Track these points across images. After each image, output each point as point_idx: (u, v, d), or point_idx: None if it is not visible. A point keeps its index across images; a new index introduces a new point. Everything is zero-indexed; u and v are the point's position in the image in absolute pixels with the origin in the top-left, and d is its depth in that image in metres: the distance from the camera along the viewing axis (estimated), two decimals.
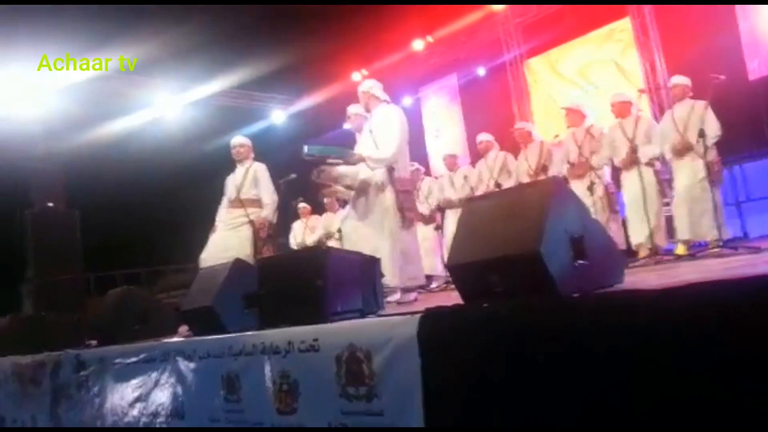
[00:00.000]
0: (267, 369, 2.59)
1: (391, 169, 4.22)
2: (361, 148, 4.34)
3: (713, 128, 5.02)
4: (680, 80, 5.45)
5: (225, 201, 5.48)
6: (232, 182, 5.44)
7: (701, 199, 4.96)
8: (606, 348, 1.61)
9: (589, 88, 9.31)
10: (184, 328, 4.00)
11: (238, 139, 5.60)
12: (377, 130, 4.32)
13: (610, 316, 1.66)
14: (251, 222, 5.18)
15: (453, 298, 2.36)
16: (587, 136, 5.85)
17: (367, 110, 4.54)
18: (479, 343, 1.92)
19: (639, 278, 2.50)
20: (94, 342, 4.28)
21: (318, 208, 8.81)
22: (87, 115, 9.21)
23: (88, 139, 9.03)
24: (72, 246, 8.82)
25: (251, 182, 5.37)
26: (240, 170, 5.46)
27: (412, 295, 4.14)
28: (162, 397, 3.14)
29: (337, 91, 11.23)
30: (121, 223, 8.89)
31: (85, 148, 8.87)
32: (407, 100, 10.85)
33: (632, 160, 5.30)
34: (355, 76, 11.28)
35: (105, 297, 4.62)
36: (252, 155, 5.55)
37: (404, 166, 4.39)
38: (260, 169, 5.43)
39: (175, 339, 3.59)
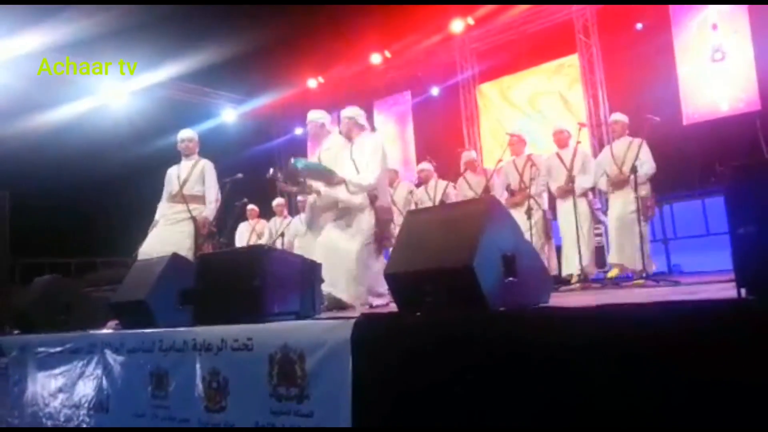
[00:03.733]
0: (197, 366, 2.58)
1: (374, 197, 4.28)
2: (343, 172, 4.35)
3: (647, 165, 5.31)
4: (619, 117, 5.77)
5: (165, 194, 5.38)
6: (175, 176, 5.32)
7: (630, 230, 5.24)
8: (528, 359, 1.71)
9: (536, 117, 9.67)
10: (113, 323, 3.90)
11: (186, 133, 5.47)
12: (360, 158, 4.35)
13: (533, 331, 1.77)
14: (193, 218, 5.11)
15: None
16: (528, 163, 6.10)
17: (348, 137, 4.52)
18: (410, 350, 1.99)
19: (563, 300, 2.64)
20: (16, 331, 4.12)
21: (266, 212, 8.72)
22: (26, 93, 8.84)
23: (28, 121, 8.66)
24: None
25: (197, 178, 5.28)
26: (186, 165, 5.35)
27: (384, 299, 4.17)
28: (86, 389, 3.07)
29: (290, 96, 11.21)
30: (54, 210, 8.53)
31: (24, 130, 8.50)
32: None
33: (568, 190, 5.55)
34: (311, 82, 11.31)
35: (31, 284, 4.46)
36: (197, 150, 5.49)
37: (384, 194, 4.46)
38: (208, 166, 5.35)
39: (103, 331, 3.51)
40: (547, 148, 6.62)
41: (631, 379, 1.54)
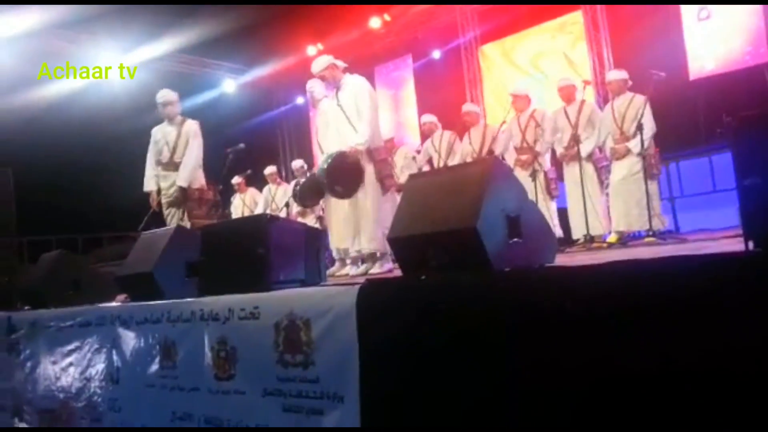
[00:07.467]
0: (206, 336, 2.60)
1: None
2: (338, 126, 4.41)
3: (647, 127, 5.18)
4: (616, 75, 5.62)
5: (154, 158, 5.20)
6: (163, 141, 5.17)
7: (634, 191, 5.16)
8: (533, 318, 1.70)
9: (539, 77, 9.52)
10: (121, 297, 3.92)
11: (166, 96, 5.21)
12: (348, 106, 4.38)
13: (539, 290, 1.75)
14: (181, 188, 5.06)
15: None
16: (531, 121, 6.00)
17: (336, 84, 4.54)
18: (415, 314, 1.99)
19: (569, 260, 2.62)
20: (27, 307, 4.16)
21: (257, 181, 8.68)
22: (24, 71, 8.77)
23: (26, 97, 8.61)
24: (5, 206, 8.47)
25: (185, 143, 5.13)
26: (171, 129, 5.19)
27: (387, 266, 4.21)
28: (96, 361, 3.11)
29: (290, 64, 11.06)
30: (58, 186, 8.54)
31: (23, 107, 8.45)
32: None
33: (574, 153, 5.46)
34: (311, 50, 11.14)
35: (39, 261, 4.48)
36: (180, 110, 5.25)
37: (378, 136, 4.51)
38: (194, 128, 5.17)
39: (112, 304, 3.54)
40: (550, 109, 6.52)
41: (637, 336, 1.53)
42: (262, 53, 11.19)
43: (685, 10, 8.05)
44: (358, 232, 4.28)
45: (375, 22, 10.44)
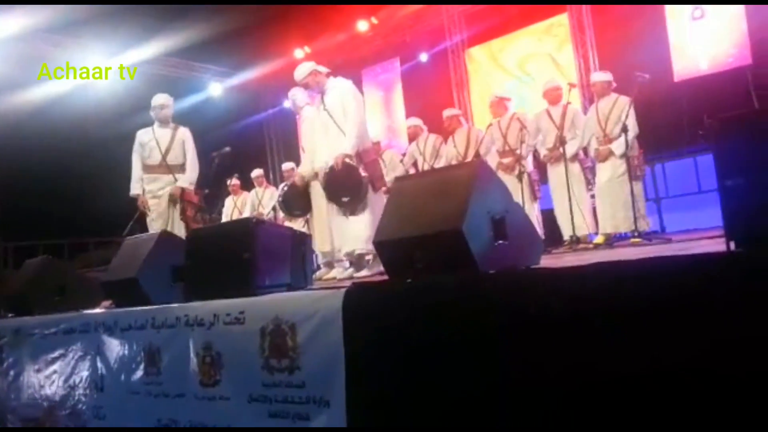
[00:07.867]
0: (191, 341, 2.58)
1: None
2: (326, 131, 4.43)
3: (631, 127, 5.20)
4: (600, 77, 5.65)
5: (140, 163, 5.15)
6: (153, 144, 5.13)
7: (620, 193, 5.19)
8: (519, 320, 1.70)
9: (526, 79, 9.56)
10: (106, 303, 3.88)
11: (165, 99, 5.24)
12: (335, 109, 4.38)
13: (524, 292, 1.75)
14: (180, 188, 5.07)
15: None
16: (512, 123, 6.00)
17: (320, 90, 4.56)
18: (402, 317, 1.98)
19: (554, 261, 2.63)
20: (11, 314, 4.10)
21: (247, 184, 8.64)
22: (9, 75, 8.67)
23: (10, 101, 8.50)
24: None
25: (179, 147, 5.15)
26: (164, 132, 5.18)
27: (379, 267, 4.21)
28: (81, 369, 3.07)
29: (277, 67, 11.03)
30: (43, 192, 8.45)
31: (6, 111, 8.35)
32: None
33: (559, 155, 5.47)
34: (298, 53, 11.12)
35: (22, 267, 4.42)
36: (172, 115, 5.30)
37: (366, 138, 4.53)
38: (188, 133, 5.23)
39: (96, 310, 3.50)
40: (534, 110, 6.54)
41: (623, 336, 1.53)
42: (249, 56, 11.14)
43: (677, 10, 8.10)
44: (348, 234, 4.28)
45: (362, 25, 10.44)
